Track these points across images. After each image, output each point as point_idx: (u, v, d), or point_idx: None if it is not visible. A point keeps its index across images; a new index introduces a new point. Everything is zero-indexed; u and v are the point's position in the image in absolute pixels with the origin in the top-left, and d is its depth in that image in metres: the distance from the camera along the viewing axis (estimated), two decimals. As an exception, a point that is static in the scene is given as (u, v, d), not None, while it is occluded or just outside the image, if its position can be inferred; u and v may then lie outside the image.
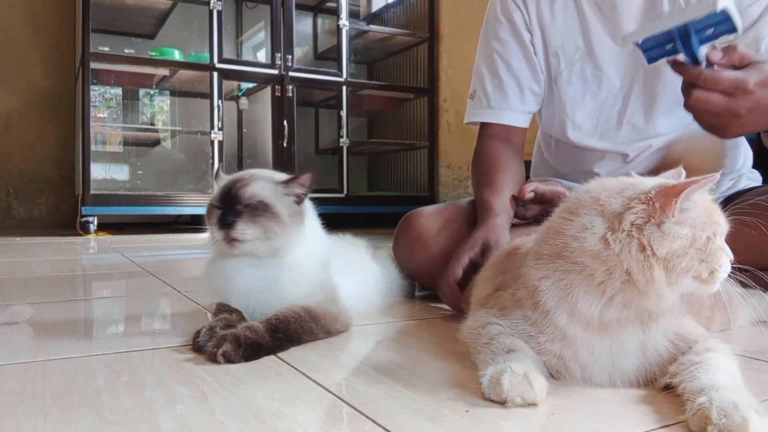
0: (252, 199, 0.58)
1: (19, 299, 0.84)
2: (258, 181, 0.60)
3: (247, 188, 0.59)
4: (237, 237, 0.58)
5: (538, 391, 0.39)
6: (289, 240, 0.60)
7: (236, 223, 0.57)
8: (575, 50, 0.82)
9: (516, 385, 0.39)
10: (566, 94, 0.84)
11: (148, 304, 0.86)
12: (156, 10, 2.57)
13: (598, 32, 0.80)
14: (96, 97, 2.72)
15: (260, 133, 2.92)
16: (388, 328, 0.67)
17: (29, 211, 2.87)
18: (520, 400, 0.39)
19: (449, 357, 0.54)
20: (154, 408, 0.41)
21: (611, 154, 0.84)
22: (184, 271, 1.23)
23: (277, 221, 0.58)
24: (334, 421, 0.39)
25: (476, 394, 0.42)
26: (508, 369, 0.40)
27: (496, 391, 0.40)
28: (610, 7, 0.79)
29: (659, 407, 0.41)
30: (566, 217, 0.44)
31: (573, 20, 0.82)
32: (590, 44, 0.81)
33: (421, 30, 2.94)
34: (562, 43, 0.83)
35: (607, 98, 0.82)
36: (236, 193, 0.59)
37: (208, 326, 0.55)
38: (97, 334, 0.66)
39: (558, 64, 0.84)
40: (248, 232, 0.58)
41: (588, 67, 0.82)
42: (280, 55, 2.60)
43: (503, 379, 0.39)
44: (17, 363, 0.51)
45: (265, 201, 0.59)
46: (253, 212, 0.58)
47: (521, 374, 0.39)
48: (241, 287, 0.60)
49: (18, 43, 2.80)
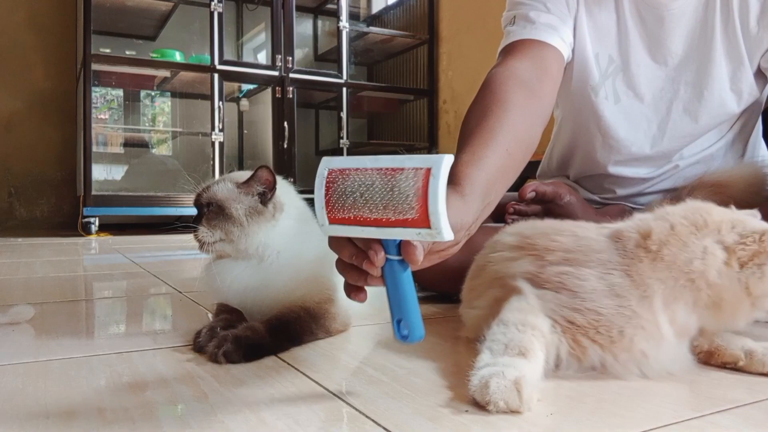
0: (208, 201, 0.60)
1: (21, 300, 0.84)
2: (219, 184, 0.61)
3: (207, 192, 0.60)
4: (200, 239, 0.59)
5: (526, 399, 0.38)
6: (252, 239, 0.59)
7: (197, 227, 0.59)
8: (609, 63, 0.76)
9: (503, 390, 0.38)
10: (602, 108, 0.78)
11: (149, 305, 0.86)
12: (157, 12, 2.58)
13: (636, 47, 0.74)
14: (97, 99, 2.72)
15: (261, 134, 2.92)
16: (387, 329, 0.67)
17: (31, 211, 2.88)
18: (504, 404, 0.38)
19: (449, 357, 0.54)
20: (155, 408, 0.41)
21: (634, 175, 0.81)
22: (184, 271, 1.23)
23: (231, 222, 0.58)
24: (334, 420, 0.39)
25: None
26: (500, 373, 0.39)
27: (481, 392, 0.39)
28: (657, 21, 0.72)
29: (658, 407, 0.41)
30: (693, 232, 0.46)
31: (611, 30, 0.75)
32: (627, 59, 0.74)
33: (420, 32, 2.94)
34: (596, 53, 0.76)
35: (641, 121, 0.77)
36: (200, 197, 0.61)
37: (208, 326, 0.56)
38: (98, 335, 0.66)
39: (596, 73, 0.76)
40: (208, 235, 0.59)
41: (620, 84, 0.76)
42: (280, 56, 2.61)
43: (491, 382, 0.39)
44: (19, 363, 0.52)
45: (219, 203, 0.59)
46: (208, 215, 0.59)
47: (511, 380, 0.39)
48: (236, 287, 0.61)
49: (20, 45, 2.81)
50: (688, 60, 0.74)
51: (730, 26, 0.71)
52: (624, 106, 0.78)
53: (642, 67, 0.75)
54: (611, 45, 0.76)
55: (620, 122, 0.79)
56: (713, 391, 0.45)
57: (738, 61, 0.72)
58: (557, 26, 0.70)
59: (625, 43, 0.74)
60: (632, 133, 0.79)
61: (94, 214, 2.29)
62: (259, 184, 0.60)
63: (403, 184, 0.36)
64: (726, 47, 0.72)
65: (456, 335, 0.62)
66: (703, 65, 0.73)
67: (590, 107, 0.79)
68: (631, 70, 0.75)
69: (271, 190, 0.60)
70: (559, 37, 0.69)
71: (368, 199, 0.37)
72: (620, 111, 0.79)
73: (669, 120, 0.77)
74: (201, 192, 0.61)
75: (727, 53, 0.72)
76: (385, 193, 0.37)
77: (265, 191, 0.60)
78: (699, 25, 0.72)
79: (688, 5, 0.71)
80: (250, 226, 0.59)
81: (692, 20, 0.72)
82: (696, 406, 0.41)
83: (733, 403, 0.42)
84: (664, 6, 0.71)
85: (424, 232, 0.36)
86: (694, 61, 0.73)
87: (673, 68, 0.75)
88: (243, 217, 0.59)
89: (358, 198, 0.37)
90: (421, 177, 0.35)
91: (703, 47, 0.72)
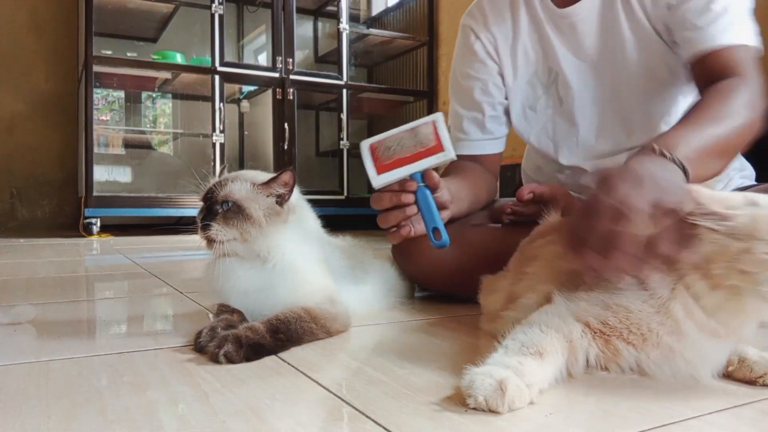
0: (225, 200, 0.59)
1: (23, 300, 0.85)
2: (235, 182, 0.60)
3: (223, 189, 0.60)
4: (212, 237, 0.58)
5: (508, 401, 0.38)
6: (267, 240, 0.59)
7: (210, 225, 0.58)
8: (549, 73, 0.84)
9: (486, 388, 0.39)
10: (549, 118, 0.86)
11: (150, 305, 0.86)
12: (158, 14, 2.59)
13: (564, 53, 0.82)
14: (99, 100, 2.73)
15: (261, 135, 2.93)
16: (387, 329, 0.68)
17: (33, 212, 2.89)
18: (483, 402, 0.38)
19: (449, 357, 0.54)
20: (156, 407, 0.41)
21: (585, 168, 0.85)
22: (185, 272, 1.23)
23: (250, 222, 0.58)
24: (335, 420, 0.39)
25: (475, 394, 0.42)
26: (489, 372, 0.40)
27: (467, 388, 0.40)
28: (570, 27, 0.81)
29: (657, 407, 0.41)
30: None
31: (539, 46, 0.84)
32: (559, 66, 0.83)
33: (420, 33, 2.95)
34: (535, 70, 0.85)
35: (582, 116, 0.83)
36: (214, 194, 0.60)
37: (209, 327, 0.56)
38: (99, 335, 0.66)
39: (534, 91, 0.86)
40: (222, 233, 0.58)
41: (561, 89, 0.84)
42: (281, 58, 2.62)
43: (476, 379, 0.39)
44: (21, 363, 0.52)
45: (238, 202, 0.59)
46: (225, 213, 0.59)
47: (498, 380, 0.39)
48: (239, 287, 0.61)
49: (21, 47, 2.82)
50: (604, 50, 0.81)
51: (632, 15, 0.77)
52: (565, 107, 0.84)
53: (571, 66, 0.83)
54: (547, 59, 0.85)
55: (564, 123, 0.85)
56: (711, 391, 0.45)
57: (652, 45, 0.77)
58: (488, 133, 0.89)
59: (554, 53, 0.83)
60: (583, 128, 0.84)
61: (96, 215, 2.30)
62: (281, 186, 0.60)
63: (422, 131, 0.62)
64: (632, 31, 0.78)
65: (456, 335, 0.63)
66: (620, 56, 0.79)
67: (536, 118, 0.88)
68: (564, 73, 0.83)
69: (290, 193, 0.61)
70: (492, 139, 0.90)
71: (403, 145, 0.62)
72: (564, 111, 0.85)
73: (608, 110, 0.82)
74: (214, 188, 0.60)
75: (634, 34, 0.78)
76: (412, 138, 0.62)
77: (283, 193, 0.60)
78: (606, 21, 0.79)
79: (594, 7, 0.79)
80: (268, 227, 0.59)
81: (599, 19, 0.79)
82: (694, 406, 0.41)
83: (731, 403, 0.42)
84: (572, 14, 0.80)
85: (441, 155, 0.61)
86: (609, 51, 0.80)
87: (596, 62, 0.82)
88: (262, 217, 0.59)
89: (396, 148, 0.62)
90: (431, 124, 0.63)
91: (615, 37, 0.79)
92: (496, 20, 0.86)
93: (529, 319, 0.46)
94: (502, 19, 0.86)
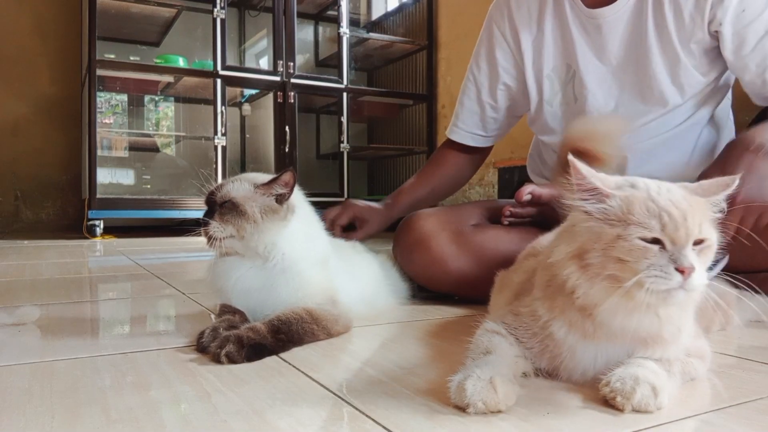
0: (223, 199, 0.60)
1: (27, 301, 0.85)
2: (234, 183, 0.62)
3: (221, 190, 0.61)
4: (210, 233, 0.60)
5: (502, 396, 0.38)
6: (264, 236, 0.60)
7: (209, 222, 0.60)
8: (567, 70, 0.85)
9: (479, 391, 0.38)
10: (563, 113, 0.87)
11: (153, 306, 0.87)
12: (161, 18, 2.60)
13: (584, 53, 0.83)
14: (102, 104, 2.75)
15: (263, 138, 2.94)
16: (388, 330, 0.68)
17: (37, 214, 2.90)
18: (482, 405, 0.38)
19: (449, 357, 0.55)
20: (158, 407, 0.42)
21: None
22: (188, 273, 1.24)
23: (245, 218, 0.59)
24: (335, 420, 0.40)
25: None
26: (473, 374, 0.39)
27: (460, 396, 0.39)
28: (596, 29, 0.81)
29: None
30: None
31: (561, 42, 0.85)
32: (577, 64, 0.84)
33: (420, 38, 2.96)
34: (554, 65, 0.86)
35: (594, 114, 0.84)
36: (213, 195, 0.62)
37: (211, 327, 0.56)
38: (103, 335, 0.67)
39: (551, 86, 0.87)
40: (219, 230, 0.59)
41: (577, 87, 0.85)
42: (282, 62, 2.63)
43: (467, 384, 0.39)
44: (25, 363, 0.52)
45: (234, 200, 0.60)
46: (222, 211, 0.60)
47: (486, 379, 0.39)
48: (240, 287, 0.61)
49: (26, 51, 2.84)
50: (627, 60, 0.81)
51: (664, 30, 0.77)
52: (579, 105, 0.85)
53: (590, 66, 0.83)
54: (567, 55, 0.85)
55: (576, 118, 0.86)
56: (707, 390, 0.45)
57: (675, 59, 0.78)
58: (484, 130, 0.97)
59: (574, 50, 0.84)
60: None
61: (99, 217, 2.31)
62: (281, 186, 0.61)
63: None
64: (661, 47, 0.78)
65: (456, 336, 0.63)
66: (641, 64, 0.80)
67: (550, 113, 0.89)
68: (581, 72, 0.84)
69: (290, 192, 0.62)
70: (485, 137, 0.98)
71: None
72: (578, 110, 0.86)
73: (619, 113, 0.83)
74: (214, 190, 0.62)
75: (663, 52, 0.78)
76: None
77: (284, 193, 0.61)
78: (633, 30, 0.79)
79: (623, 14, 0.79)
80: (264, 223, 0.60)
81: (627, 27, 0.80)
82: (689, 406, 0.42)
83: (726, 402, 0.42)
84: (600, 16, 0.80)
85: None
86: (633, 62, 0.81)
87: (616, 67, 0.82)
88: (257, 214, 0.60)
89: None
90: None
91: (639, 49, 0.80)
92: (521, 11, 0.88)
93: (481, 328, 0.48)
94: (527, 11, 0.87)
